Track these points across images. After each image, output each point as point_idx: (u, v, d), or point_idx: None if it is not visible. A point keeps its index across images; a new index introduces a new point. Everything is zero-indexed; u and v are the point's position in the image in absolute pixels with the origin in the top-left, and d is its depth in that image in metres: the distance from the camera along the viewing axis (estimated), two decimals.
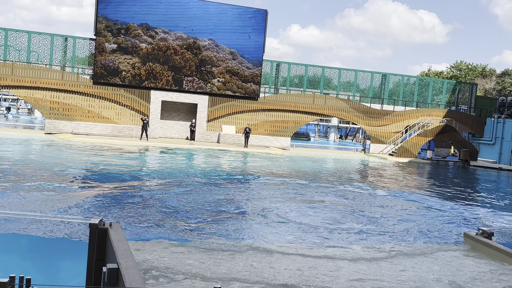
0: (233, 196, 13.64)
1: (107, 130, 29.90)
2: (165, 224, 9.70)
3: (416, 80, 37.83)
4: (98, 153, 21.87)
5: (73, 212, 10.14)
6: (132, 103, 30.58)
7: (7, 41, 29.47)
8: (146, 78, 30.46)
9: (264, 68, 33.60)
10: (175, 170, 18.45)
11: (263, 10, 32.20)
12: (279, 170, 21.23)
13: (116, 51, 29.77)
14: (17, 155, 19.15)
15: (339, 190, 16.37)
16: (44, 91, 29.10)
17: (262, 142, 32.71)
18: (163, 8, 30.33)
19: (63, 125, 29.34)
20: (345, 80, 35.94)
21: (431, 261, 8.33)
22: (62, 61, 30.57)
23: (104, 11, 29.36)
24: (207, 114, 31.95)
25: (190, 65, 31.06)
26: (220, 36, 31.38)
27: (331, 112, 34.29)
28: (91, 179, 14.94)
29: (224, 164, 22.29)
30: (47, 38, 30.14)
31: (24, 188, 12.16)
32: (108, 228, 5.31)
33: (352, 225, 11.05)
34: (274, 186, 16.16)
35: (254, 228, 10.17)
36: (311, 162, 26.61)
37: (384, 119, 35.07)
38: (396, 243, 9.68)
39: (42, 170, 15.56)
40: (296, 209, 12.36)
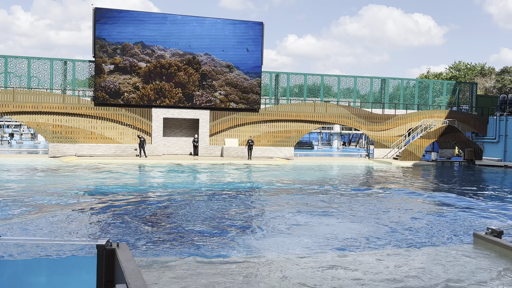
0: (244, 209, 13.60)
1: (111, 150, 29.98)
2: (174, 240, 9.67)
3: (416, 83, 37.87)
4: (103, 173, 21.91)
5: (82, 234, 10.13)
6: (134, 122, 30.70)
7: (7, 68, 29.74)
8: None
9: (263, 80, 33.73)
10: (181, 186, 18.44)
11: (259, 23, 32.43)
12: (286, 180, 21.18)
13: (114, 71, 29.96)
14: (21, 181, 19.20)
15: (348, 196, 16.30)
16: (46, 115, 29.27)
17: (266, 153, 32.71)
18: (157, 26, 30.57)
19: (67, 148, 29.44)
20: (344, 87, 36.03)
21: (439, 261, 8.26)
22: (63, 84, 30.78)
23: (102, 33, 29.62)
24: (209, 128, 32.02)
25: (193, 80, 31.23)
26: (217, 50, 31.56)
27: (332, 119, 34.31)
28: (96, 200, 14.95)
29: (230, 177, 22.27)
30: (47, 63, 30.41)
31: (31, 212, 12.16)
32: (115, 249, 5.29)
33: (369, 229, 10.98)
34: (285, 196, 16.12)
35: (276, 240, 10.11)
36: (317, 171, 26.57)
37: (386, 123, 35.05)
38: (405, 242, 9.61)
39: (47, 193, 15.58)
40: (312, 217, 12.31)
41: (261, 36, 32.30)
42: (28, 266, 7.43)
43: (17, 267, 6.94)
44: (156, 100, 30.68)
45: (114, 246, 5.32)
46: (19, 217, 11.56)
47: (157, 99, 30.70)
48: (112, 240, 5.49)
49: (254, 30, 32.20)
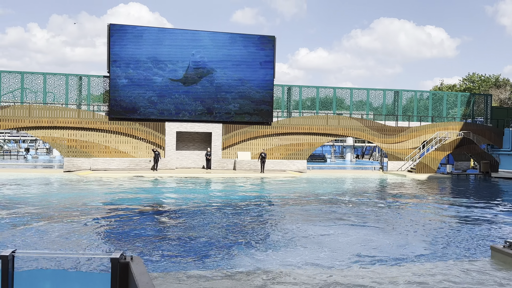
0: (261, 222, 13.56)
1: (125, 164, 30.22)
2: (188, 253, 9.66)
3: (430, 95, 37.64)
4: (117, 187, 22.05)
5: (96, 247, 10.18)
6: (148, 136, 30.95)
7: (23, 84, 30.29)
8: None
9: (275, 93, 33.84)
10: (194, 199, 18.47)
11: (271, 37, 32.65)
12: (300, 193, 21.09)
13: (129, 86, 30.31)
14: (36, 195, 19.41)
15: (364, 209, 16.16)
16: (61, 130, 29.67)
17: (278, 166, 32.65)
18: (171, 41, 30.94)
19: (81, 162, 29.75)
20: (357, 100, 35.95)
21: (457, 274, 8.12)
22: (78, 99, 31.23)
23: (116, 48, 30.07)
24: (222, 142, 32.13)
25: (210, 92, 31.47)
26: (230, 64, 31.80)
27: (345, 132, 34.20)
28: (110, 213, 15.03)
29: (243, 190, 22.25)
30: (62, 78, 30.91)
31: (46, 225, 12.27)
32: (129, 262, 5.31)
33: (390, 242, 10.86)
34: (299, 209, 16.04)
35: (299, 252, 10.05)
36: (330, 184, 26.42)
37: (400, 135, 34.82)
38: (423, 256, 9.47)
39: (61, 207, 15.72)
40: (331, 230, 12.22)
41: (273, 50, 32.49)
42: (43, 279, 7.48)
43: (33, 280, 6.98)
44: (178, 114, 30.91)
45: (128, 260, 5.34)
46: (34, 231, 11.67)
47: (179, 113, 30.94)
48: (126, 253, 5.51)
49: (266, 44, 32.42)
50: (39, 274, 7.87)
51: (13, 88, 30.26)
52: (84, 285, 6.29)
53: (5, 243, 10.19)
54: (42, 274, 7.91)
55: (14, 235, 11.09)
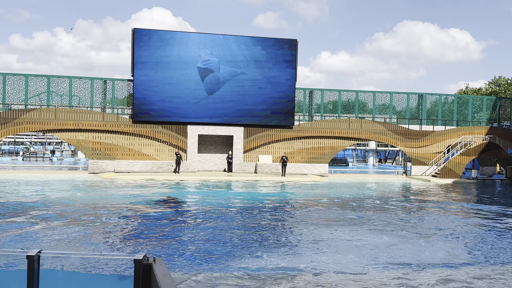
0: (282, 225, 13.51)
1: (148, 166, 30.55)
2: (211, 255, 9.68)
3: (455, 99, 36.98)
4: (140, 189, 22.30)
5: (119, 248, 10.30)
6: (170, 139, 31.24)
7: (49, 87, 30.97)
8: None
9: (297, 96, 33.76)
10: (216, 202, 18.53)
11: (293, 40, 32.61)
12: (322, 197, 20.95)
13: (152, 89, 30.66)
14: (62, 196, 19.77)
15: (389, 214, 15.94)
16: (86, 132, 30.20)
17: (300, 170, 32.53)
18: (193, 44, 31.20)
19: (106, 164, 30.20)
20: (380, 103, 35.57)
21: (493, 282, 7.93)
22: (102, 102, 31.76)
23: (140, 52, 30.48)
24: (243, 145, 32.19)
25: (231, 95, 31.62)
26: (252, 67, 31.88)
27: (368, 135, 33.86)
28: (133, 214, 15.20)
29: (265, 194, 22.22)
30: (87, 82, 31.49)
31: (71, 226, 12.49)
32: (152, 263, 5.35)
33: (418, 247, 10.69)
34: (322, 213, 15.93)
35: (323, 256, 9.99)
36: (353, 188, 26.16)
37: (424, 139, 34.29)
38: (457, 261, 9.28)
39: (86, 208, 15.97)
40: (352, 235, 12.10)
41: (295, 53, 32.45)
42: (68, 279, 7.59)
43: (58, 280, 7.09)
44: (199, 117, 31.15)
45: (151, 261, 5.37)
46: (59, 231, 11.89)
47: (199, 116, 31.17)
48: (148, 255, 5.55)
49: (288, 47, 32.41)
50: (64, 274, 8.00)
51: (40, 91, 30.97)
52: (108, 285, 6.35)
53: (31, 243, 10.41)
54: (67, 274, 8.05)
55: (39, 235, 11.32)
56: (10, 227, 12.22)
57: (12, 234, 11.36)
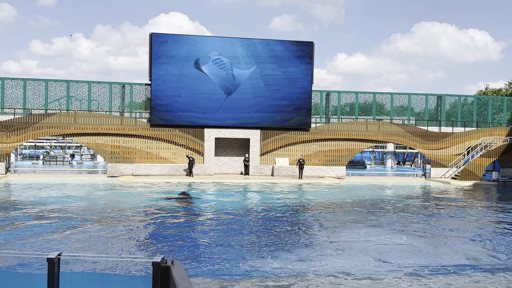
0: (300, 228, 13.46)
1: (165, 170, 30.77)
2: (229, 258, 9.69)
3: (474, 100, 36.40)
4: (158, 193, 22.47)
5: (138, 251, 10.39)
6: (187, 142, 31.43)
7: (69, 92, 31.45)
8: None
9: (313, 99, 33.64)
10: (233, 205, 18.56)
11: (309, 42, 32.53)
12: (340, 200, 20.81)
13: (170, 93, 30.88)
14: (81, 199, 20.04)
15: (409, 217, 15.75)
16: (105, 136, 30.57)
17: (317, 173, 32.37)
18: (210, 48, 31.35)
19: (124, 168, 30.51)
20: (398, 105, 35.21)
21: None
22: (121, 107, 32.12)
23: (157, 56, 30.75)
24: (260, 148, 32.19)
25: (248, 98, 31.68)
26: (268, 70, 31.89)
27: (386, 138, 33.55)
28: (151, 218, 15.31)
29: (282, 197, 22.17)
30: (106, 87, 31.89)
31: (90, 229, 12.64)
32: (170, 266, 5.37)
33: (442, 251, 10.54)
34: (340, 216, 15.82)
35: (343, 259, 9.92)
36: (372, 190, 25.93)
37: (443, 141, 33.82)
38: (481, 266, 9.12)
39: (105, 211, 16.15)
40: (372, 237, 11.99)
41: (311, 56, 32.36)
42: (87, 281, 7.67)
43: (77, 282, 7.17)
44: (216, 120, 31.29)
45: (169, 264, 5.40)
46: (79, 234, 12.04)
47: (216, 119, 31.30)
48: (166, 257, 5.58)
49: (304, 50, 32.34)
50: (83, 277, 8.09)
51: (59, 96, 31.47)
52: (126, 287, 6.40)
53: (51, 246, 10.56)
54: (86, 276, 8.14)
55: (59, 238, 11.48)
56: (31, 230, 12.43)
57: (32, 237, 11.54)
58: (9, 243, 10.81)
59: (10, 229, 12.63)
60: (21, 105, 30.82)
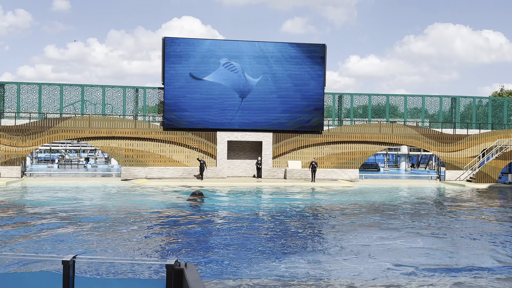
0: (315, 232, 13.42)
1: (178, 173, 30.92)
2: (241, 261, 9.70)
3: (489, 101, 35.96)
4: (171, 195, 22.58)
5: (151, 253, 10.45)
6: (200, 145, 31.54)
7: (83, 96, 31.82)
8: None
9: (326, 101, 33.54)
10: (246, 207, 18.57)
11: (322, 45, 32.47)
12: (354, 203, 20.69)
13: (182, 96, 31.06)
14: (96, 202, 20.22)
15: (424, 220, 15.60)
16: (119, 140, 30.84)
17: (330, 175, 32.24)
18: (223, 52, 31.47)
19: (138, 171, 30.73)
20: (412, 107, 34.94)
21: None
22: (134, 110, 32.39)
23: (170, 60, 30.97)
24: (272, 150, 32.17)
25: (260, 101, 31.73)
26: (280, 73, 31.89)
27: (399, 140, 33.29)
28: (164, 220, 15.38)
29: (295, 200, 22.11)
30: (120, 91, 32.19)
31: (105, 231, 12.75)
32: (183, 269, 5.39)
33: (465, 254, 10.43)
34: (354, 219, 15.74)
35: (359, 263, 9.88)
36: (386, 193, 25.73)
37: (458, 144, 33.45)
38: (492, 269, 8.99)
39: (119, 214, 16.27)
40: (388, 241, 11.91)
41: (323, 58, 32.30)
42: (102, 284, 7.75)
43: (92, 284, 7.26)
44: (228, 123, 31.36)
45: (182, 266, 5.42)
46: (94, 236, 12.15)
47: (228, 122, 31.38)
48: (180, 260, 5.60)
49: (316, 52, 32.29)
50: (98, 279, 8.16)
51: (74, 100, 31.85)
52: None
53: (66, 248, 10.67)
54: (101, 279, 8.21)
55: (74, 241, 11.59)
56: (47, 233, 12.57)
57: (48, 239, 11.67)
58: (24, 245, 10.95)
59: (25, 231, 12.79)
60: (36, 109, 31.25)
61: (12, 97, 31.05)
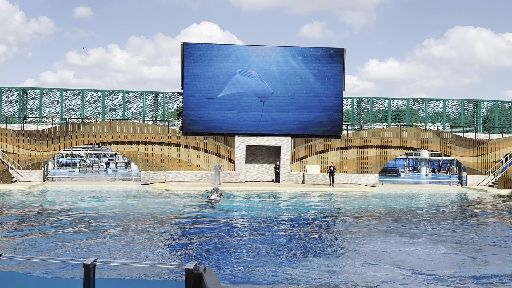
0: (334, 237, 13.31)
1: (197, 177, 31.06)
2: (260, 266, 9.67)
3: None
4: (190, 199, 22.68)
5: (171, 257, 10.49)
6: (219, 149, 31.65)
7: (104, 102, 32.27)
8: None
9: (345, 105, 33.33)
10: (266, 212, 18.52)
11: (340, 49, 32.31)
12: (373, 208, 20.46)
13: (201, 101, 31.23)
14: (117, 205, 20.43)
15: (446, 226, 15.33)
16: (139, 144, 31.16)
17: (349, 180, 31.96)
18: (241, 57, 31.57)
19: (157, 175, 30.98)
20: (432, 111, 34.46)
21: None
22: (154, 115, 32.71)
23: (189, 66, 31.22)
24: (291, 155, 32.08)
25: (279, 106, 31.74)
26: (299, 77, 31.84)
27: (420, 144, 32.84)
28: (183, 224, 15.45)
29: (314, 205, 21.98)
30: (140, 96, 32.56)
31: (125, 235, 12.86)
32: (202, 273, 5.39)
33: (472, 262, 10.23)
34: (374, 225, 15.56)
35: (379, 270, 9.77)
36: (406, 198, 25.38)
37: (480, 148, 32.83)
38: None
39: (139, 218, 16.41)
40: (407, 247, 11.74)
41: (342, 62, 32.12)
42: (122, 287, 7.79)
43: (110, 287, 7.29)
44: (246, 127, 31.42)
45: (201, 271, 5.43)
46: (114, 240, 12.26)
47: (247, 127, 31.44)
48: (199, 264, 5.61)
49: (335, 56, 32.14)
50: (118, 283, 8.23)
51: (95, 105, 32.33)
52: None
53: (87, 252, 10.80)
54: (121, 281, 8.27)
55: (95, 244, 11.72)
56: (68, 236, 12.75)
57: (69, 243, 11.83)
58: (45, 249, 11.12)
59: (47, 234, 12.99)
60: (58, 114, 31.81)
61: (35, 102, 31.69)
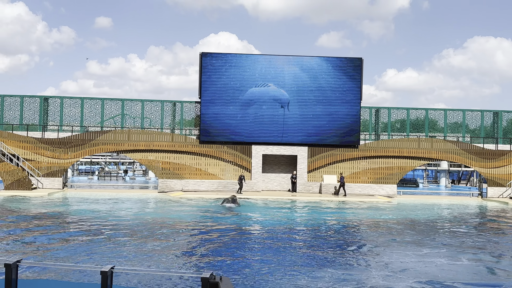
0: (352, 248, 13.18)
1: (213, 186, 31.13)
2: (275, 276, 9.61)
3: None
4: (206, 209, 22.73)
5: (187, 266, 10.51)
6: (235, 158, 31.71)
7: (123, 110, 32.70)
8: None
9: (362, 115, 33.14)
10: (282, 222, 18.44)
11: (358, 58, 32.21)
12: (392, 219, 20.22)
13: (218, 110, 31.40)
14: (134, 214, 20.58)
15: (466, 239, 15.06)
16: (156, 153, 31.42)
17: (366, 191, 31.66)
18: (259, 66, 31.70)
19: (174, 184, 31.16)
20: (452, 121, 34.02)
21: None
22: (172, 124, 32.99)
23: (207, 75, 31.47)
24: (307, 164, 31.95)
25: (296, 115, 31.73)
26: (316, 87, 31.80)
27: (439, 155, 32.40)
28: (199, 233, 15.47)
29: (331, 214, 21.80)
30: (158, 105, 32.91)
31: (142, 243, 12.94)
32: (218, 282, 5.40)
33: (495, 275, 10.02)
34: (392, 236, 15.37)
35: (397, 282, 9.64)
36: (425, 210, 25.01)
37: (500, 159, 32.23)
38: None
39: (156, 226, 16.50)
40: (427, 259, 11.57)
41: (360, 72, 32.00)
42: None
43: None
44: (263, 137, 31.46)
45: (218, 280, 5.43)
46: (131, 247, 12.34)
47: (264, 136, 31.49)
48: (215, 273, 5.61)
49: (352, 66, 32.05)
50: None
51: (114, 114, 32.77)
52: None
53: (104, 259, 10.88)
54: None
55: (112, 251, 11.81)
56: (86, 243, 12.88)
57: (86, 249, 11.94)
58: (63, 255, 11.24)
59: (66, 241, 13.14)
60: (78, 122, 32.33)
61: (55, 110, 32.27)
